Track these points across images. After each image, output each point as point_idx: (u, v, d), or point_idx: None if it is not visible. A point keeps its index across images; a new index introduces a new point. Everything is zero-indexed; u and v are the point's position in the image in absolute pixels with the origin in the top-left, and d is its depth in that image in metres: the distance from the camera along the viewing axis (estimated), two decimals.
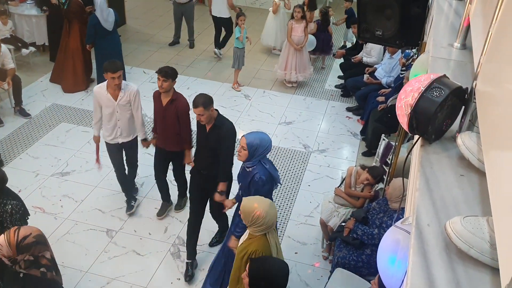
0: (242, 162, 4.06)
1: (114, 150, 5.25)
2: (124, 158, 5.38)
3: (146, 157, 5.88)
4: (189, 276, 4.74)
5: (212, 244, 5.15)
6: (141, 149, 5.39)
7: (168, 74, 4.71)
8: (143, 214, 5.48)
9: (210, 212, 4.97)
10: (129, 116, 5.03)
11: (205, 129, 4.48)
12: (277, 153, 6.70)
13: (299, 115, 7.69)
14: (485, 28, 1.62)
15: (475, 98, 1.59)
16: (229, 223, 4.76)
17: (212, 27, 9.45)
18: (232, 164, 4.61)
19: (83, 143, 6.55)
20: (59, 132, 6.81)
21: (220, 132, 4.41)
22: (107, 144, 5.22)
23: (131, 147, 5.31)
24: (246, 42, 8.15)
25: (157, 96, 4.92)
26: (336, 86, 8.62)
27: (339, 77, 8.74)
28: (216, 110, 4.45)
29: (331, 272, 4.38)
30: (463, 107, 1.66)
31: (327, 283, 4.24)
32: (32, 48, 8.37)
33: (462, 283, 1.17)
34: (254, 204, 3.34)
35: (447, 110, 1.59)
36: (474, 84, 1.61)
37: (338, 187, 5.08)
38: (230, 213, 4.64)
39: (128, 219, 5.38)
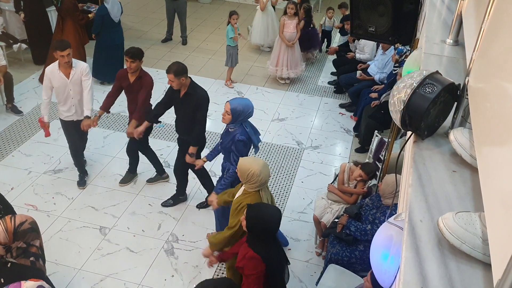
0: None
1: (70, 127, 5.46)
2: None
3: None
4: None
5: (199, 207, 5.55)
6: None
7: (135, 55, 5.04)
8: (136, 211, 5.46)
9: (193, 172, 5.36)
10: (81, 91, 5.21)
11: (179, 96, 4.87)
12: (270, 150, 6.70)
13: (292, 112, 7.70)
14: (477, 25, 1.62)
15: (467, 94, 1.60)
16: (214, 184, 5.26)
17: (205, 23, 9.41)
18: (204, 130, 5.03)
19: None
20: (52, 129, 6.66)
21: (192, 100, 4.79)
22: (62, 121, 5.45)
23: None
24: (239, 38, 8.13)
25: (123, 75, 5.23)
26: (329, 83, 8.64)
27: (332, 73, 8.75)
28: (190, 78, 4.82)
29: (324, 268, 4.40)
30: (456, 103, 1.67)
31: (320, 279, 4.26)
32: (23, 45, 8.30)
33: (454, 279, 1.18)
34: (250, 163, 3.74)
35: (440, 106, 1.60)
36: (466, 80, 1.62)
37: (331, 183, 5.09)
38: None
39: (121, 216, 5.37)
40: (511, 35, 1.20)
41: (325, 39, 9.68)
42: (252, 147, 4.60)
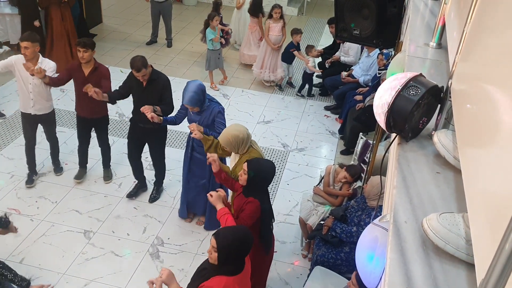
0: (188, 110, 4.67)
1: (28, 121, 5.42)
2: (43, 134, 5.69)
3: (123, 157, 5.82)
4: (131, 195, 5.60)
5: (151, 200, 5.64)
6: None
7: (87, 44, 4.99)
8: (121, 215, 5.42)
9: (153, 165, 5.57)
10: (44, 89, 5.19)
11: (141, 84, 4.88)
12: None
13: (277, 114, 7.71)
14: (460, 28, 1.65)
15: (450, 97, 1.62)
16: (165, 176, 5.71)
17: (190, 26, 9.39)
18: (173, 109, 5.05)
19: (59, 143, 6.43)
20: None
21: (157, 84, 4.88)
22: (22, 114, 5.41)
23: (47, 121, 5.52)
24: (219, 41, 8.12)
25: (76, 68, 5.15)
26: (314, 85, 8.67)
27: (317, 76, 8.79)
28: (150, 65, 4.88)
29: (311, 270, 4.41)
30: (439, 105, 1.69)
31: (306, 281, 4.27)
32: (6, 47, 8.20)
33: (438, 279, 1.19)
34: (233, 131, 4.00)
35: (424, 109, 1.62)
36: (449, 82, 1.64)
37: (316, 185, 5.11)
38: (169, 167, 5.61)
39: (106, 220, 5.32)
40: (493, 38, 1.22)
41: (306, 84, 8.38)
42: None
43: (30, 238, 4.98)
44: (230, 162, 4.36)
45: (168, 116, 4.92)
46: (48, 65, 5.11)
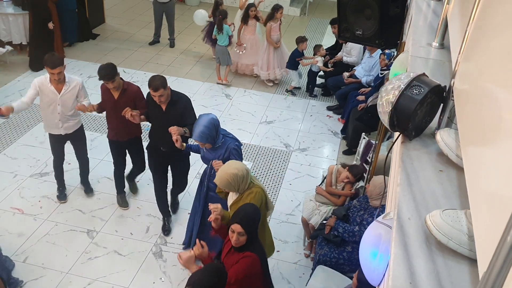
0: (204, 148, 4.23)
1: (57, 140, 5.23)
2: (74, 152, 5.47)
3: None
4: (167, 231, 5.21)
5: (174, 211, 5.44)
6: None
7: (110, 75, 4.62)
8: (124, 214, 5.44)
9: (172, 183, 5.25)
10: (71, 108, 4.96)
11: (161, 108, 4.56)
12: (258, 152, 6.73)
13: (280, 114, 7.73)
14: (462, 28, 1.66)
15: (453, 96, 1.64)
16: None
17: (193, 26, 9.42)
18: None
19: None
20: (38, 132, 6.71)
21: (179, 106, 4.55)
22: (50, 135, 5.22)
23: (76, 138, 5.30)
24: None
25: (105, 90, 4.85)
26: (316, 85, 8.69)
27: (320, 76, 8.81)
28: (169, 87, 4.56)
29: (313, 269, 4.42)
30: (442, 104, 1.71)
31: (309, 280, 4.28)
32: (8, 47, 8.24)
33: (441, 274, 1.21)
34: (229, 171, 3.58)
35: (427, 108, 1.63)
36: (452, 82, 1.66)
37: (319, 185, 5.12)
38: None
39: (109, 219, 5.34)
40: (495, 38, 1.24)
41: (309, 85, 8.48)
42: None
43: (33, 237, 5.00)
44: (228, 201, 3.92)
45: (193, 143, 4.51)
46: (77, 85, 4.90)
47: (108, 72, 4.62)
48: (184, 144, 4.38)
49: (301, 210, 5.30)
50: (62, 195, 5.55)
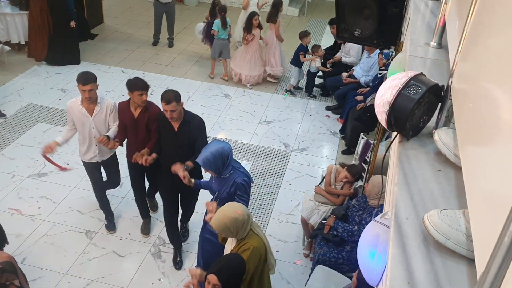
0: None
1: (93, 168, 4.91)
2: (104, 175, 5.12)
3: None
4: (178, 264, 4.86)
5: (184, 239, 5.15)
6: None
7: (146, 86, 4.45)
8: (122, 215, 5.44)
9: (180, 204, 4.91)
10: (106, 131, 4.60)
11: (172, 128, 4.32)
12: (258, 152, 6.72)
13: (279, 114, 7.73)
14: (460, 28, 1.66)
15: (451, 95, 1.64)
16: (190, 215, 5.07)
17: (192, 26, 9.42)
18: None
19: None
20: (36, 132, 6.70)
21: (192, 127, 4.31)
22: (84, 162, 4.89)
23: (110, 164, 4.98)
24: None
25: (125, 108, 4.55)
26: (315, 85, 8.69)
27: (319, 76, 8.81)
28: (182, 103, 4.34)
29: (312, 269, 4.42)
30: (440, 104, 1.70)
31: (308, 280, 4.28)
32: (6, 47, 8.23)
33: (439, 274, 1.21)
34: (229, 215, 3.18)
35: (424, 107, 1.63)
36: (450, 81, 1.65)
37: (318, 185, 5.12)
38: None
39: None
40: (493, 38, 1.24)
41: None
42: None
43: (31, 238, 5.00)
44: (226, 247, 3.58)
45: (202, 180, 4.31)
46: (109, 106, 4.54)
47: (144, 84, 4.42)
48: (193, 180, 4.14)
49: (300, 210, 5.29)
50: (111, 225, 5.20)
